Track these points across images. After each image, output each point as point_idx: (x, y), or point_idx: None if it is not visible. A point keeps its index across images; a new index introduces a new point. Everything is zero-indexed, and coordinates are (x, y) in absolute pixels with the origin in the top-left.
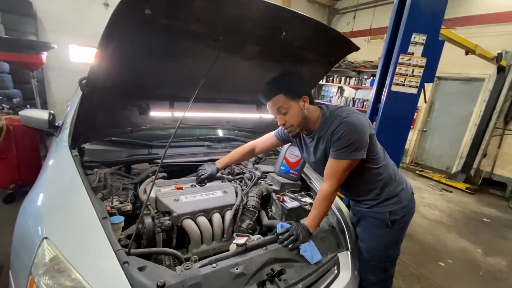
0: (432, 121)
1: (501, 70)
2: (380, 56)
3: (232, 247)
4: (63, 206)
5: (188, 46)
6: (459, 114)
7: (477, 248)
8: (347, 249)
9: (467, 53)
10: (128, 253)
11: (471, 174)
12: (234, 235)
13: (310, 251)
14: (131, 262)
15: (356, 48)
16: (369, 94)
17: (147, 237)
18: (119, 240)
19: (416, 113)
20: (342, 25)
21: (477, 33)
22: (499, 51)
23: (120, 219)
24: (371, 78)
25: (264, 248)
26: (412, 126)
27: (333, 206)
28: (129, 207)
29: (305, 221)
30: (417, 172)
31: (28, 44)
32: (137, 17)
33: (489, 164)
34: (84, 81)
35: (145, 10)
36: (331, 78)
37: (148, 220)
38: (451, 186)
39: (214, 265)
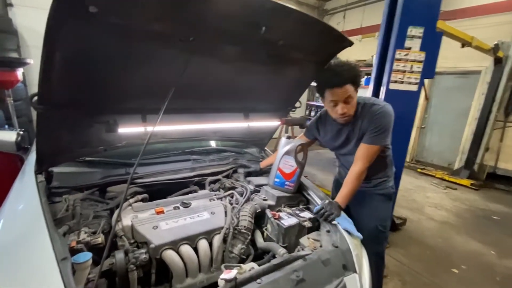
0: (430, 117)
1: (498, 62)
2: (373, 54)
3: (220, 283)
4: (15, 245)
5: (153, 49)
6: (457, 108)
7: (490, 249)
8: (355, 271)
9: (463, 45)
10: None
11: (474, 169)
12: (222, 267)
13: (350, 227)
14: None
15: (350, 43)
16: (364, 93)
17: (119, 276)
18: (88, 281)
19: None
20: (333, 26)
21: (470, 25)
22: (495, 42)
23: (87, 256)
24: (366, 77)
25: (258, 281)
26: None
27: (337, 223)
28: (100, 239)
29: (337, 198)
30: (419, 170)
31: None
32: (80, 16)
33: (492, 158)
34: (36, 97)
35: (88, 8)
36: None
37: (120, 256)
38: (455, 183)
39: None
